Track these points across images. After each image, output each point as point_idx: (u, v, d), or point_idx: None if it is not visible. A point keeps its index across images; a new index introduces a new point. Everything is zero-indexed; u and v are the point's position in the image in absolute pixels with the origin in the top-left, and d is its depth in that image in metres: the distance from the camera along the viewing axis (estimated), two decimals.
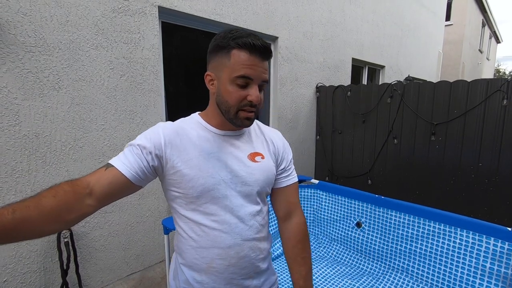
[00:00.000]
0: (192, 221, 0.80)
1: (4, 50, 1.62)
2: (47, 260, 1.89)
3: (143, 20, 2.15)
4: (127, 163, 0.73)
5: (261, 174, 0.84)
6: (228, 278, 0.81)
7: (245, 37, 0.73)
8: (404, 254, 2.19)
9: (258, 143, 0.89)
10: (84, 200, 0.67)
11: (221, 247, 0.80)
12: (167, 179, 0.79)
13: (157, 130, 0.78)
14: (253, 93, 0.75)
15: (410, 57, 6.34)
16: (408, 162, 3.13)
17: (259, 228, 0.85)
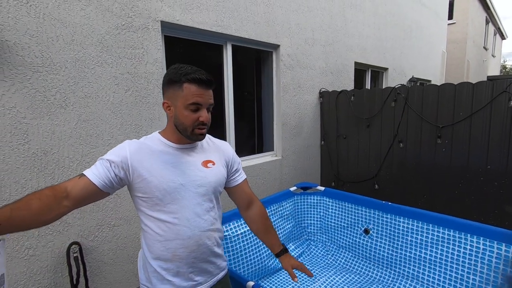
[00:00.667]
0: (158, 219, 0.99)
1: (13, 71, 1.67)
2: (57, 275, 1.92)
3: (146, 35, 2.19)
4: (97, 173, 0.91)
5: (212, 177, 1.07)
6: (190, 262, 1.02)
7: (193, 73, 0.96)
8: (414, 261, 2.16)
9: (211, 153, 1.12)
10: (61, 202, 0.85)
11: (183, 238, 1.00)
12: (135, 186, 0.98)
13: (124, 146, 0.99)
14: (203, 115, 0.99)
15: (413, 58, 6.31)
16: (414, 166, 3.10)
17: (213, 221, 1.07)
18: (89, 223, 2.02)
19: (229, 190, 1.24)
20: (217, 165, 1.11)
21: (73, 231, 1.96)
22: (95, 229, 2.06)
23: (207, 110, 1.01)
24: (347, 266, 2.48)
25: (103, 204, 2.08)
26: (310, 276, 1.20)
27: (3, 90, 1.65)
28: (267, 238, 1.24)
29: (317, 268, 2.47)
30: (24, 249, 1.77)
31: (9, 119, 1.67)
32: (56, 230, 1.89)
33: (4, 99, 1.65)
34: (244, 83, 3.32)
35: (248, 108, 3.43)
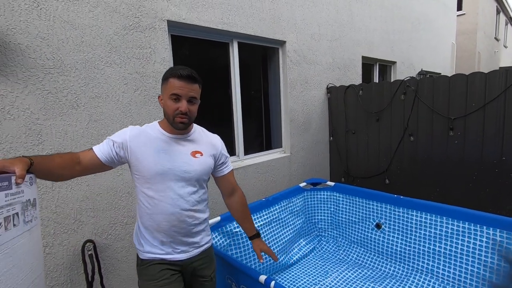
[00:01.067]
0: (147, 195, 1.18)
1: (26, 73, 1.71)
2: (73, 272, 1.96)
3: (153, 35, 2.21)
4: (102, 150, 1.13)
5: (198, 166, 1.22)
6: (171, 235, 1.20)
7: (178, 70, 1.13)
8: (428, 254, 2.13)
9: (201, 144, 1.28)
10: (75, 166, 1.07)
11: (166, 214, 1.17)
12: (131, 165, 1.18)
13: (126, 130, 1.19)
14: (183, 105, 1.13)
15: (422, 51, 6.20)
16: (426, 159, 3.04)
17: (195, 203, 1.23)
18: (102, 221, 2.06)
19: (216, 178, 1.41)
20: (205, 156, 1.26)
21: (87, 229, 2.00)
22: (108, 227, 2.09)
23: (189, 102, 1.15)
24: (359, 261, 2.45)
25: (115, 202, 2.11)
26: (275, 261, 1.45)
27: (17, 92, 1.69)
28: (244, 223, 1.48)
29: (329, 263, 2.46)
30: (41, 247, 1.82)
31: (23, 121, 1.71)
32: (70, 229, 1.93)
33: (18, 101, 1.69)
34: (251, 80, 3.32)
35: (256, 105, 3.43)
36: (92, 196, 2.00)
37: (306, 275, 2.31)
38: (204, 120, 2.98)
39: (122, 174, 2.12)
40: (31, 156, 0.93)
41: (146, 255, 1.23)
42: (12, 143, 1.69)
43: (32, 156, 0.93)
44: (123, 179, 2.13)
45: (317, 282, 2.20)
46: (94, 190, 2.01)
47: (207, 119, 2.97)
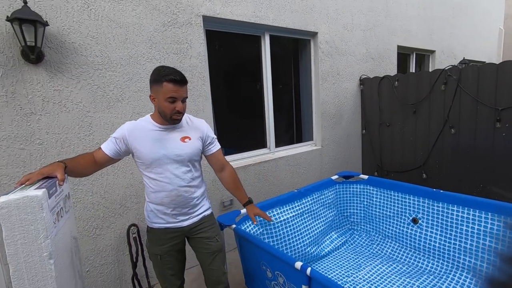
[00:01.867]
0: (150, 177, 1.39)
1: (78, 70, 1.87)
2: (120, 253, 2.13)
3: (190, 30, 2.30)
4: (109, 147, 1.35)
5: (188, 149, 1.41)
6: (173, 207, 1.42)
7: (170, 74, 1.27)
8: (470, 252, 2.03)
9: (188, 130, 1.45)
10: (93, 164, 1.32)
11: (166, 191, 1.38)
12: (134, 154, 1.38)
13: (123, 127, 1.38)
14: (178, 106, 1.31)
15: (464, 38, 5.77)
16: (468, 153, 2.87)
17: (189, 180, 1.43)
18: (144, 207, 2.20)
19: (207, 157, 1.58)
20: (193, 140, 1.44)
21: (131, 214, 2.15)
22: None
23: (181, 102, 1.33)
24: (394, 256, 2.40)
25: None
26: (269, 221, 1.71)
27: (71, 88, 1.85)
28: (236, 193, 1.64)
29: (362, 257, 2.43)
30: (92, 228, 2.00)
31: (76, 113, 1.88)
32: (117, 213, 2.09)
33: (72, 95, 1.86)
34: (282, 73, 3.32)
35: (287, 98, 3.43)
36: (135, 184, 2.15)
37: (339, 267, 2.30)
38: (235, 113, 3.07)
39: None
40: (64, 160, 1.16)
41: (154, 224, 1.46)
42: (67, 133, 1.86)
43: (64, 160, 1.16)
44: None
45: (349, 275, 2.19)
46: (137, 178, 2.15)
47: (238, 112, 3.04)
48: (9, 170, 1.69)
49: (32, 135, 1.74)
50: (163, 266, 1.49)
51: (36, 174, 1.02)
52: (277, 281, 1.70)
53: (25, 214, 0.88)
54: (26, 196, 0.87)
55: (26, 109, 1.71)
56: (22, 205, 0.87)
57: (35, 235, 0.89)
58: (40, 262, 0.90)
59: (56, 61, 1.78)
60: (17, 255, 0.88)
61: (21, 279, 0.89)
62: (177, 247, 1.50)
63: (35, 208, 0.88)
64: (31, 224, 0.88)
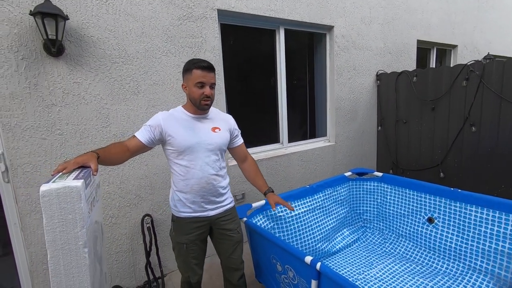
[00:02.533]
0: (181, 165, 1.44)
1: (97, 63, 1.92)
2: (134, 242, 2.19)
3: (204, 24, 2.31)
4: (144, 135, 1.39)
5: (218, 139, 1.50)
6: (201, 195, 1.47)
7: (198, 62, 1.39)
8: (489, 254, 1.96)
9: (218, 122, 1.54)
10: (125, 152, 1.34)
11: (196, 178, 1.44)
12: (166, 142, 1.43)
13: (158, 116, 1.44)
14: (207, 90, 1.40)
15: (489, 32, 5.50)
16: (490, 152, 2.75)
17: (218, 169, 1.50)
18: (158, 198, 2.26)
19: (231, 150, 1.68)
20: (222, 131, 1.53)
21: (145, 204, 2.21)
22: (163, 204, 2.29)
23: (210, 87, 1.42)
24: (407, 255, 2.35)
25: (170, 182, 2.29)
26: (291, 210, 1.71)
27: (90, 80, 1.91)
28: (257, 181, 1.72)
29: (374, 255, 2.40)
30: (108, 217, 2.06)
31: (94, 105, 1.94)
32: (132, 203, 2.15)
33: (90, 88, 1.91)
34: (297, 67, 3.28)
35: (301, 92, 3.40)
36: (149, 175, 2.20)
37: (350, 264, 2.28)
38: (249, 107, 3.06)
39: None
40: (96, 150, 1.19)
41: (181, 214, 1.50)
42: (86, 125, 1.92)
43: (97, 150, 1.20)
44: None
45: (361, 272, 2.16)
46: (152, 170, 2.20)
47: (252, 106, 3.04)
48: (32, 158, 1.77)
49: (53, 125, 1.81)
50: (187, 255, 1.53)
51: (72, 163, 1.05)
52: (287, 275, 1.70)
53: (65, 203, 0.91)
54: (67, 186, 0.91)
55: (47, 101, 1.78)
56: (62, 195, 0.91)
57: (73, 224, 0.93)
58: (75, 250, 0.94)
59: (76, 54, 1.84)
60: (55, 242, 0.92)
61: (57, 265, 0.93)
62: (202, 236, 1.55)
63: (74, 198, 0.92)
64: (69, 213, 0.92)
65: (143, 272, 2.24)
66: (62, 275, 0.94)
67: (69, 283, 0.96)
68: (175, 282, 2.29)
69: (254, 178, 1.72)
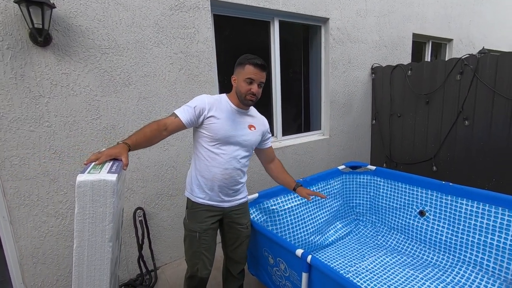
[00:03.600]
0: (210, 151, 1.44)
1: (86, 53, 1.87)
2: (126, 235, 2.18)
3: (197, 14, 2.26)
4: (185, 115, 1.37)
5: (252, 136, 1.52)
6: (221, 185, 1.48)
7: (253, 59, 1.41)
8: (478, 246, 1.99)
9: (255, 121, 1.57)
10: (162, 132, 1.34)
11: (222, 168, 1.45)
12: (204, 126, 1.42)
13: (203, 98, 1.44)
14: (254, 87, 1.42)
15: (485, 26, 5.50)
16: (483, 146, 2.78)
17: (244, 164, 1.53)
18: (150, 192, 2.24)
19: (260, 151, 1.70)
20: (257, 130, 1.55)
21: (137, 197, 2.19)
22: (155, 197, 2.27)
23: (258, 86, 1.43)
24: (399, 248, 2.38)
25: (161, 175, 2.27)
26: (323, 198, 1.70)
27: (79, 71, 1.86)
28: (284, 178, 1.74)
29: (366, 247, 2.42)
30: None
31: (84, 97, 1.90)
32: (124, 196, 2.13)
33: (80, 79, 1.87)
34: (291, 60, 3.25)
35: (295, 85, 3.37)
36: (141, 168, 2.17)
37: (342, 256, 2.30)
38: None
39: (167, 150, 2.27)
40: (127, 140, 1.20)
41: (198, 199, 1.49)
42: (75, 117, 1.88)
43: (128, 139, 1.21)
44: (168, 154, 2.28)
45: (352, 264, 2.19)
46: (143, 163, 2.18)
47: None
48: (20, 151, 1.73)
49: (41, 117, 1.77)
50: (200, 246, 1.50)
51: (106, 155, 1.06)
52: (279, 268, 1.71)
53: (98, 196, 0.91)
54: (103, 179, 0.91)
55: (35, 92, 1.74)
56: (97, 187, 0.90)
57: (102, 217, 0.93)
58: (101, 243, 0.94)
59: (64, 44, 1.79)
60: (83, 232, 0.92)
61: (82, 255, 0.93)
62: (214, 225, 1.55)
63: (108, 192, 0.92)
64: (100, 207, 0.92)
65: (136, 265, 2.23)
66: (85, 265, 0.95)
67: (91, 274, 0.96)
68: (168, 275, 2.29)
69: (281, 175, 1.74)
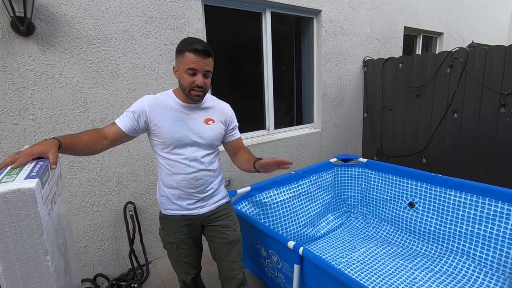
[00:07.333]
0: (167, 158, 1.27)
1: (71, 44, 1.81)
2: (117, 230, 2.15)
3: (187, 5, 2.21)
4: (124, 122, 1.21)
5: (210, 132, 1.30)
6: (189, 191, 1.31)
7: (193, 43, 1.15)
8: (465, 236, 2.04)
9: (213, 112, 1.34)
10: (102, 140, 1.19)
11: (184, 174, 1.27)
12: (151, 132, 1.25)
13: (142, 100, 1.24)
14: (198, 79, 1.17)
15: (475, 20, 5.56)
16: (471, 138, 2.83)
17: (208, 163, 1.32)
18: (141, 186, 2.21)
19: (226, 143, 1.46)
20: (216, 123, 1.34)
21: (128, 192, 2.16)
22: (146, 191, 2.24)
23: (203, 76, 1.19)
24: (389, 239, 2.42)
25: (152, 169, 2.24)
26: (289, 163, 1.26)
27: (64, 62, 1.80)
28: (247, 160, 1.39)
29: (357, 239, 2.45)
30: (89, 205, 2.01)
31: (70, 89, 1.84)
32: (114, 191, 2.09)
33: (65, 70, 1.81)
34: (283, 52, 3.22)
35: (287, 78, 3.36)
36: (132, 162, 2.14)
37: (333, 248, 2.33)
38: (234, 93, 3.00)
39: None
40: (59, 137, 1.03)
41: (168, 211, 1.34)
42: (61, 109, 1.83)
43: (60, 137, 1.04)
44: None
45: (344, 256, 2.21)
46: (134, 157, 2.14)
47: (237, 92, 2.98)
48: (4, 145, 1.68)
49: (25, 110, 1.71)
50: (179, 255, 1.39)
51: (25, 155, 0.88)
52: (271, 260, 1.72)
53: (16, 209, 0.75)
54: (17, 189, 0.74)
55: (18, 83, 1.67)
56: (12, 200, 0.74)
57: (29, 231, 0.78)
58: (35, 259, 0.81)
59: (48, 33, 1.72)
60: (8, 252, 0.78)
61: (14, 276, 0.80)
62: (192, 234, 1.39)
63: (28, 203, 0.76)
64: (23, 220, 0.77)
65: (127, 259, 2.21)
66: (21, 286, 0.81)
67: None
68: (159, 269, 2.28)
69: (246, 160, 1.41)
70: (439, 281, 1.90)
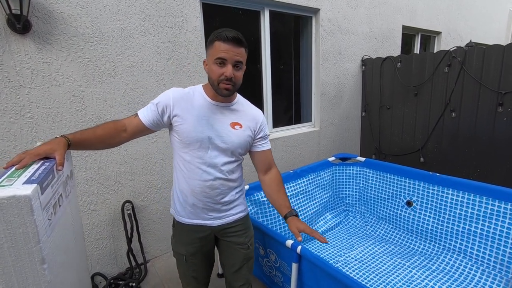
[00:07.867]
0: (184, 159, 1.16)
1: (68, 42, 1.79)
2: (115, 229, 2.15)
3: (185, 3, 2.20)
4: (146, 115, 1.13)
5: (236, 138, 1.17)
6: (204, 201, 1.19)
7: (223, 32, 1.05)
8: (462, 235, 2.05)
9: (242, 116, 1.21)
10: (121, 133, 1.11)
11: (200, 180, 1.16)
12: (173, 126, 1.16)
13: (168, 93, 1.14)
14: (227, 70, 1.05)
15: (473, 19, 5.57)
16: (468, 137, 2.84)
17: (228, 173, 1.20)
18: (139, 184, 2.20)
19: (253, 153, 1.30)
20: (244, 128, 1.20)
21: (126, 190, 2.15)
22: (144, 190, 2.24)
23: (234, 67, 1.07)
24: (387, 237, 2.43)
25: (150, 167, 2.23)
26: (323, 242, 1.11)
27: (61, 60, 1.79)
28: (277, 199, 1.26)
29: (355, 237, 2.46)
30: (86, 204, 2.00)
31: (67, 87, 1.83)
32: (111, 189, 2.09)
33: (62, 68, 1.80)
34: (282, 51, 3.22)
35: (286, 77, 3.35)
36: (129, 161, 2.13)
37: (332, 247, 2.34)
38: None
39: (156, 142, 2.23)
40: (69, 135, 0.96)
41: (181, 218, 1.25)
42: (58, 108, 1.82)
43: (71, 134, 0.97)
44: (157, 146, 2.24)
45: (342, 254, 2.22)
46: (132, 155, 2.13)
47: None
48: (0, 143, 1.67)
49: (22, 108, 1.70)
50: (188, 269, 1.30)
51: (31, 155, 0.84)
52: (269, 258, 1.72)
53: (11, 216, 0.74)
54: (12, 196, 0.72)
55: (14, 82, 1.66)
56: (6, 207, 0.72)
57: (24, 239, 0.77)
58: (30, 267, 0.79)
59: (44, 31, 1.71)
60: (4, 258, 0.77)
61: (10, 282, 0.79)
62: (205, 248, 1.29)
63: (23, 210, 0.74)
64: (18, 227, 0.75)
65: (125, 258, 2.21)
66: None
67: None
68: (158, 267, 2.28)
69: (275, 196, 1.28)
70: (436, 279, 1.91)
